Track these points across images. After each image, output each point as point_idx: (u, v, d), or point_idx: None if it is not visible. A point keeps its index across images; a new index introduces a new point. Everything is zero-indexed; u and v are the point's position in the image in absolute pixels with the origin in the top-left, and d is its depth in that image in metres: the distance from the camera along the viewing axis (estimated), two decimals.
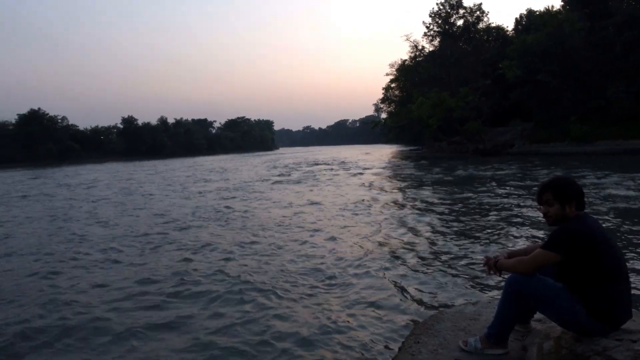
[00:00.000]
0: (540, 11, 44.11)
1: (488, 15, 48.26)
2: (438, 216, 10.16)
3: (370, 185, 18.35)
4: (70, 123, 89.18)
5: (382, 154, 59.63)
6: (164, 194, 17.93)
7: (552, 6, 43.74)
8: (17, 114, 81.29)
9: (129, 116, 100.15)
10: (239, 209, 12.50)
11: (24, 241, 9.25)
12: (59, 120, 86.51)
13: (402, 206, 12.25)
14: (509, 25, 54.25)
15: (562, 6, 42.45)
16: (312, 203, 13.31)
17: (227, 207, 13.08)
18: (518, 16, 51.18)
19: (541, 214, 2.77)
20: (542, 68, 36.31)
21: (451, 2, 47.62)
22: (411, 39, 47.71)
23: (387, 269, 6.14)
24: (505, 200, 12.08)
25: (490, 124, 43.93)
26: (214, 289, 5.45)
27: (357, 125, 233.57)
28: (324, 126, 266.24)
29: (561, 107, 36.89)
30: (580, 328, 2.61)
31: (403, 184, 18.71)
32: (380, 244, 7.70)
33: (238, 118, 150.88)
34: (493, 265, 2.87)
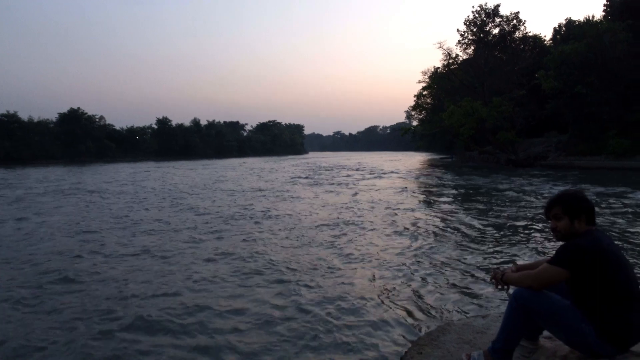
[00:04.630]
0: (580, 21, 42.90)
1: (525, 25, 46.96)
2: (460, 225, 10.00)
3: (399, 191, 18.34)
4: (107, 122, 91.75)
5: (412, 161, 59.17)
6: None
7: (593, 16, 42.35)
8: (58, 113, 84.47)
9: (163, 117, 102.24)
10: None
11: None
12: (97, 120, 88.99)
13: (425, 213, 12.16)
14: (547, 35, 52.94)
15: (604, 16, 41.19)
16: (341, 205, 13.41)
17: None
18: (557, 25, 49.98)
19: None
20: (580, 80, 35.27)
21: (487, 11, 46.74)
22: (444, 47, 46.90)
23: (399, 274, 6.10)
24: (530, 212, 11.78)
25: (524, 134, 42.96)
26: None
27: (388, 131, 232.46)
28: (354, 132, 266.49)
29: (599, 120, 35.73)
30: (587, 348, 2.53)
31: (429, 191, 18.64)
32: (396, 248, 7.69)
33: (269, 121, 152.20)
34: (500, 279, 2.82)
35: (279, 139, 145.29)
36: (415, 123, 69.66)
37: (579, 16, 49.70)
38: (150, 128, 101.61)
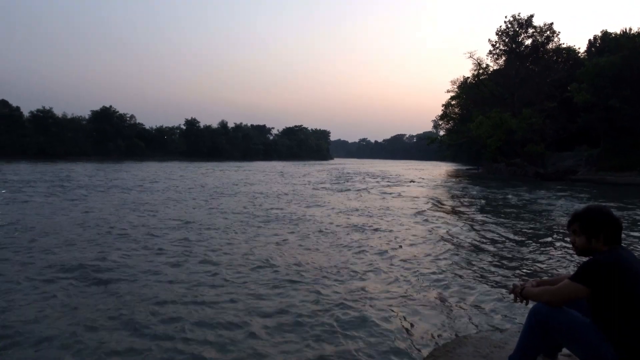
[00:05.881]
0: (617, 33, 41.84)
1: (559, 36, 45.96)
2: (487, 237, 9.88)
3: (427, 200, 18.31)
4: (137, 121, 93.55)
5: (438, 171, 58.60)
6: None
7: (630, 28, 41.17)
8: (91, 110, 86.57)
9: (192, 118, 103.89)
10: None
11: None
12: (128, 118, 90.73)
13: (453, 222, 12.10)
14: (581, 47, 51.71)
15: None
16: (370, 212, 13.40)
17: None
18: (592, 38, 48.83)
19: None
20: (614, 93, 34.36)
21: (520, 21, 46.04)
22: (475, 57, 46.38)
23: (420, 283, 6.07)
24: (558, 226, 11.53)
25: (553, 147, 42.07)
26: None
27: (414, 140, 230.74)
28: (380, 139, 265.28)
29: (633, 135, 34.74)
30: None
31: (459, 201, 18.49)
32: (420, 256, 7.66)
33: (295, 126, 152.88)
34: (519, 293, 2.78)
35: (304, 144, 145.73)
36: (442, 133, 69.06)
37: (615, 28, 48.32)
38: (179, 128, 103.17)
